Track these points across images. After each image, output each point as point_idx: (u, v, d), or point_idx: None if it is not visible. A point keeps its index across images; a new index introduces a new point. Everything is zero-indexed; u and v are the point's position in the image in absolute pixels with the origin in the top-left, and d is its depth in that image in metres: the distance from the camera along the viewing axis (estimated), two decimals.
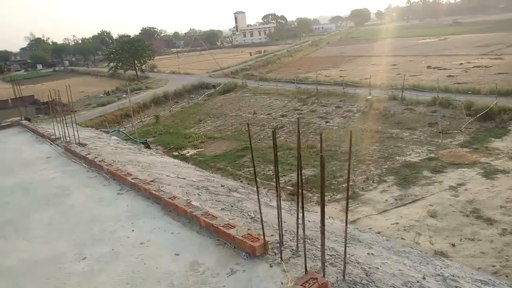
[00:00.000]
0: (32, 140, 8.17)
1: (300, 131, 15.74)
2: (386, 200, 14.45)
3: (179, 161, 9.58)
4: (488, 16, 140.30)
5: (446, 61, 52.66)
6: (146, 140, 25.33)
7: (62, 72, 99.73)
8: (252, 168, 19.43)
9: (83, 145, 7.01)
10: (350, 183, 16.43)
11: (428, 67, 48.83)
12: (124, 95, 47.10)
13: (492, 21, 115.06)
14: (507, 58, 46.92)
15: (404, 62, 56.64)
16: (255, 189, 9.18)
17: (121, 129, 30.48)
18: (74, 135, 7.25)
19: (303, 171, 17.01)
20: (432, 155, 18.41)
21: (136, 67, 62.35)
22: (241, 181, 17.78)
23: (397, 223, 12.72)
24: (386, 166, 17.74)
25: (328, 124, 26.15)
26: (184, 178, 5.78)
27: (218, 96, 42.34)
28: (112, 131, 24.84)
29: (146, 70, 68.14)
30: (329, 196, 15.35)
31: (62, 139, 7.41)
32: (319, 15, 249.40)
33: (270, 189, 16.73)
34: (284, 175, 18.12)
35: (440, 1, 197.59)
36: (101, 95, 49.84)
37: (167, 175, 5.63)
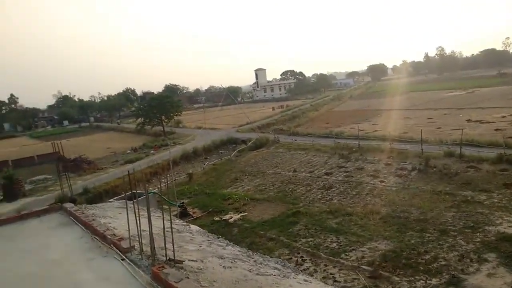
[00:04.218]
0: (86, 245, 5.25)
1: (354, 193, 12.86)
2: None
3: None
4: (506, 69, 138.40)
5: (484, 114, 50.18)
6: (183, 203, 23.00)
7: (87, 128, 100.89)
8: (311, 239, 16.66)
9: (179, 263, 4.47)
10: (443, 263, 13.43)
11: (468, 120, 46.35)
12: (152, 152, 45.69)
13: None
14: None
15: (439, 115, 54.40)
16: None
17: (154, 190, 28.32)
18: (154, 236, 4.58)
19: (374, 244, 14.14)
20: None
21: (164, 123, 61.71)
22: (302, 257, 15.01)
23: None
24: (478, 240, 14.71)
25: (384, 184, 23.39)
26: None
27: (250, 151, 40.37)
28: (148, 193, 22.68)
29: (172, 125, 67.54)
30: (422, 281, 12.33)
31: (138, 248, 4.66)
32: (334, 70, 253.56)
33: (341, 269, 13.87)
34: (353, 249, 15.21)
35: (456, 55, 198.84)
36: (128, 151, 48.56)
37: None
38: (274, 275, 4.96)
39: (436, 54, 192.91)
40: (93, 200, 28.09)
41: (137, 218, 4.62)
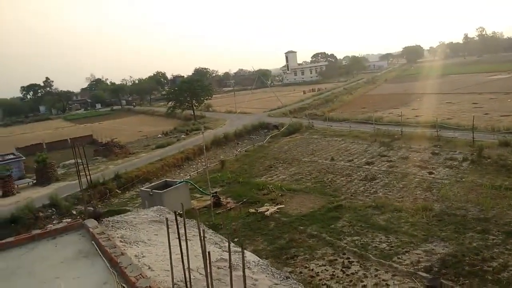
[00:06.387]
0: None
1: (401, 185, 10.81)
2: None
3: None
4: None
5: None
6: (216, 192, 21.95)
7: (119, 111, 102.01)
8: (357, 237, 15.21)
9: None
10: None
11: None
12: (183, 136, 45.06)
13: None
14: None
15: (484, 100, 50.77)
16: None
17: (186, 177, 27.51)
18: None
19: (430, 246, 12.50)
20: None
21: (194, 107, 61.04)
22: (349, 259, 13.60)
23: None
24: None
25: (433, 176, 21.46)
26: None
27: (282, 137, 38.90)
28: (180, 182, 21.78)
29: (202, 109, 66.81)
30: None
31: None
32: (367, 52, 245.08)
33: (394, 274, 12.39)
34: (406, 252, 13.66)
35: (497, 36, 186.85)
36: (159, 135, 48.19)
37: None
38: None
39: (476, 35, 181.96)
40: (125, 187, 27.69)
41: (184, 258, 3.24)
